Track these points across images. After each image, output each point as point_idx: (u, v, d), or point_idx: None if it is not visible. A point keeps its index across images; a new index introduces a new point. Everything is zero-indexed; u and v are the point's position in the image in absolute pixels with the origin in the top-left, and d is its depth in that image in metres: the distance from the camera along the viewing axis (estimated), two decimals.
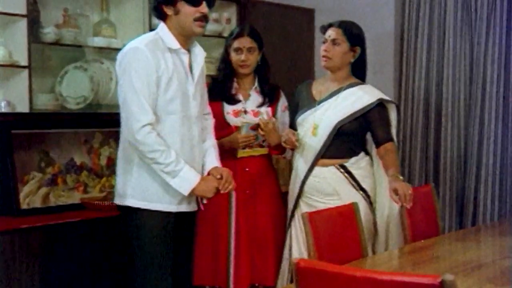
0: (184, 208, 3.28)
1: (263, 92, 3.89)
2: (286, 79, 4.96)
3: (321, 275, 2.20)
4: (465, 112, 4.88)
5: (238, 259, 3.75)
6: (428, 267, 2.93)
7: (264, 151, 3.84)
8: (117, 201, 3.29)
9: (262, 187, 3.83)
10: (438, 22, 4.93)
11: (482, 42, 4.75)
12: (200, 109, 3.35)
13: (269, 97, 3.89)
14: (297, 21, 5.02)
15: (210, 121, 3.51)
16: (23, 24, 3.69)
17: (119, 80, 3.18)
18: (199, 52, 3.34)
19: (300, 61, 5.08)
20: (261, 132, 3.73)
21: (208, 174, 3.33)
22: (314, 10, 5.16)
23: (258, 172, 3.82)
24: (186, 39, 3.26)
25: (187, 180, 3.16)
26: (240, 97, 3.85)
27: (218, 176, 3.31)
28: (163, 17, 3.22)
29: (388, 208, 3.65)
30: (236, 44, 3.81)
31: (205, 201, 3.36)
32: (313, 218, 3.06)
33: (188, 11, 3.17)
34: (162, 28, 3.23)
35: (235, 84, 3.87)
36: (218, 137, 3.67)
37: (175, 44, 3.20)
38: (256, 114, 3.83)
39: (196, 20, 3.18)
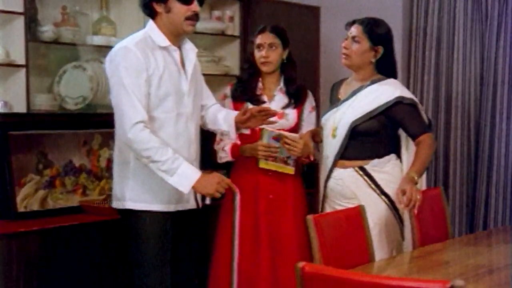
0: (182, 207, 3.29)
1: (288, 92, 3.82)
2: None
3: (327, 280, 2.19)
4: (475, 112, 4.85)
5: (258, 265, 3.70)
6: (437, 272, 2.89)
7: (289, 170, 3.72)
8: (115, 204, 3.30)
9: (286, 190, 3.77)
10: (448, 20, 4.90)
11: (493, 40, 4.72)
12: (196, 106, 3.35)
13: (295, 98, 3.82)
14: (302, 19, 4.97)
15: (217, 105, 3.56)
16: (20, 22, 3.65)
17: (110, 80, 3.19)
18: (190, 49, 3.34)
19: (305, 60, 5.02)
20: (286, 146, 3.63)
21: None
22: (319, 8, 5.12)
23: (281, 175, 3.74)
24: (176, 37, 3.26)
25: (186, 177, 3.12)
26: (265, 97, 3.80)
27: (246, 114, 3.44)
28: (152, 14, 3.23)
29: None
30: (258, 40, 3.78)
31: (208, 202, 3.33)
32: (319, 222, 3.01)
33: (179, 10, 3.18)
34: (151, 26, 3.24)
35: (259, 84, 3.82)
36: (242, 139, 3.69)
37: (164, 41, 3.21)
38: (280, 116, 3.75)
39: (187, 18, 3.19)
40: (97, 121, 4.13)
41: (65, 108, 3.94)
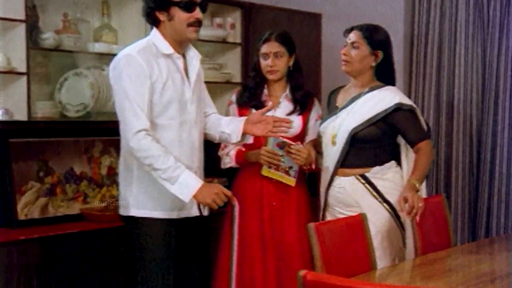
0: (185, 214, 3.28)
1: (294, 99, 3.80)
2: None
3: None
4: (477, 119, 4.82)
5: (266, 272, 3.69)
6: (439, 280, 2.86)
7: (290, 181, 3.70)
8: (121, 211, 3.30)
9: (290, 198, 3.75)
10: (449, 26, 4.88)
11: (495, 46, 4.70)
12: (199, 113, 3.34)
13: (301, 105, 3.79)
14: (303, 26, 4.96)
15: (217, 114, 3.54)
16: (21, 29, 3.64)
17: (113, 88, 3.20)
18: (194, 55, 3.35)
19: (307, 67, 4.99)
20: (290, 155, 3.60)
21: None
22: (321, 15, 5.11)
23: (285, 183, 3.72)
24: (180, 44, 3.27)
25: (187, 186, 3.11)
26: (270, 104, 3.76)
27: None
28: (156, 23, 3.24)
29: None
30: (263, 49, 3.76)
31: (206, 213, 3.33)
32: (320, 230, 2.99)
33: (181, 17, 3.19)
34: (154, 34, 3.25)
35: (265, 91, 3.80)
36: (246, 146, 3.67)
37: (168, 49, 3.21)
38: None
39: (189, 25, 3.20)
40: (98, 129, 4.12)
41: (66, 116, 3.93)
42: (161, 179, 3.08)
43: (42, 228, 3.71)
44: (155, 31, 3.24)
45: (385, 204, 3.50)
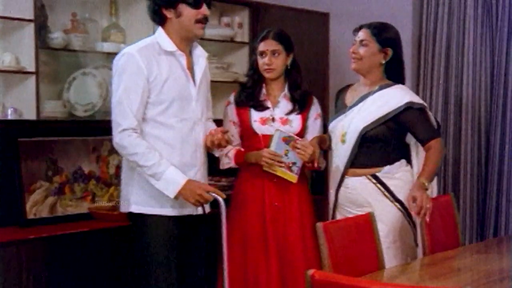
0: (187, 211, 3.28)
1: (293, 98, 3.78)
2: None
3: None
4: (485, 118, 4.81)
5: (268, 273, 3.67)
6: (448, 279, 2.86)
7: (292, 178, 3.68)
8: (122, 208, 3.34)
9: (292, 198, 3.74)
10: (457, 25, 4.86)
11: (503, 45, 4.69)
12: (205, 111, 3.36)
13: (300, 104, 3.78)
14: (311, 25, 4.95)
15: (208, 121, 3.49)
16: (30, 29, 3.65)
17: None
18: (200, 54, 3.36)
19: (315, 67, 5.01)
20: (296, 150, 3.59)
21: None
22: (329, 14, 5.10)
23: (286, 182, 3.70)
24: (187, 42, 3.28)
25: (171, 182, 3.14)
26: (269, 103, 3.77)
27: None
28: (162, 21, 3.26)
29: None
30: (260, 47, 3.74)
31: (208, 210, 3.32)
32: (328, 229, 3.00)
33: (189, 14, 3.21)
34: (160, 32, 3.27)
35: (263, 90, 3.78)
36: (245, 146, 3.66)
37: (171, 46, 3.23)
38: (284, 121, 3.73)
39: (197, 22, 3.22)
40: (106, 128, 4.07)
41: (75, 115, 3.94)
42: (147, 175, 3.13)
43: (50, 227, 3.71)
44: (160, 29, 3.26)
45: (396, 204, 3.49)
